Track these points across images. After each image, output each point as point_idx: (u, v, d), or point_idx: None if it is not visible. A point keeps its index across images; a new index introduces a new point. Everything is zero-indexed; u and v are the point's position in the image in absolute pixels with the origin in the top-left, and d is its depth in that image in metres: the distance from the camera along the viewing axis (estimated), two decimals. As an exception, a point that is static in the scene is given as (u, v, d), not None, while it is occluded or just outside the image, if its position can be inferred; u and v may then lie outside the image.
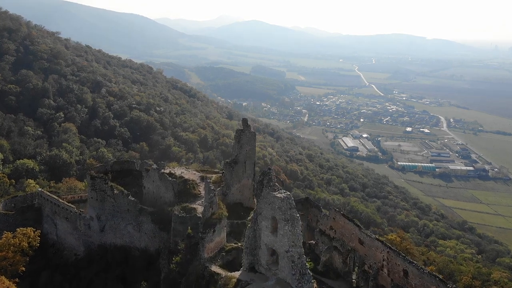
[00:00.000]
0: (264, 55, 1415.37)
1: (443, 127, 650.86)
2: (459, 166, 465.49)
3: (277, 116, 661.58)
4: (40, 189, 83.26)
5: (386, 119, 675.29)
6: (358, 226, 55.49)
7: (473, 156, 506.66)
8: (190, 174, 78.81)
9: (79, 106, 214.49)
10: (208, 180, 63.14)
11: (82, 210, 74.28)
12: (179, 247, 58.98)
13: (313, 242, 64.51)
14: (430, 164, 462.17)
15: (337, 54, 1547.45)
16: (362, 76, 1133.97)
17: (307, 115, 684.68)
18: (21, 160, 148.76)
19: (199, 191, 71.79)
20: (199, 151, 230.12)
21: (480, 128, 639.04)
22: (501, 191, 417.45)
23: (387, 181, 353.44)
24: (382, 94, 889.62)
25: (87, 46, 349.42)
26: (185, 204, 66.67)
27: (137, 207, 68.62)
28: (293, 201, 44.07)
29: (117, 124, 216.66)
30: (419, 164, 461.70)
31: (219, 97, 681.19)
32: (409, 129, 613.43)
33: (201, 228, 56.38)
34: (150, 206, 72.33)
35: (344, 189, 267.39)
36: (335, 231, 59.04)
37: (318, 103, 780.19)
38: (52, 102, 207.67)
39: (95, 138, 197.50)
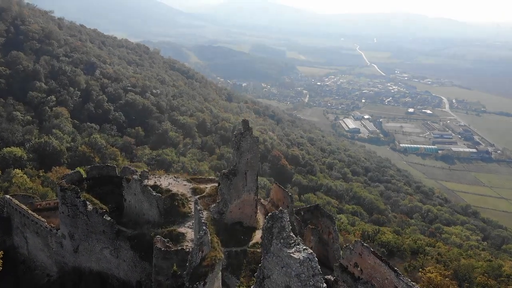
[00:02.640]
0: (263, 33, 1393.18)
1: (445, 108, 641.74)
2: (461, 148, 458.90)
3: (278, 97, 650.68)
4: (8, 196, 70.72)
5: (388, 99, 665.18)
6: (394, 271, 42.83)
7: (476, 137, 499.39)
8: (179, 186, 66.03)
9: (71, 89, 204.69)
10: (199, 207, 48.79)
11: (53, 226, 62.61)
12: None
13: (331, 277, 53.35)
14: (432, 146, 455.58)
15: (338, 33, 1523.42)
16: (363, 55, 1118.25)
17: (307, 95, 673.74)
18: (8, 148, 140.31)
19: (189, 208, 60.74)
20: (197, 135, 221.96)
21: (483, 109, 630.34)
22: (504, 173, 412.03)
23: (390, 164, 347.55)
24: (384, 74, 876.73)
25: (81, 26, 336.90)
26: (172, 227, 56.41)
27: (114, 229, 57.30)
28: (317, 264, 31.80)
29: (112, 108, 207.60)
30: (421, 146, 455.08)
31: (218, 77, 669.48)
32: (411, 110, 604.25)
33: (187, 280, 42.12)
34: (132, 222, 61.47)
35: (346, 173, 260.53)
36: (361, 270, 46.81)
37: (319, 83, 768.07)
38: (43, 85, 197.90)
39: (88, 123, 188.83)
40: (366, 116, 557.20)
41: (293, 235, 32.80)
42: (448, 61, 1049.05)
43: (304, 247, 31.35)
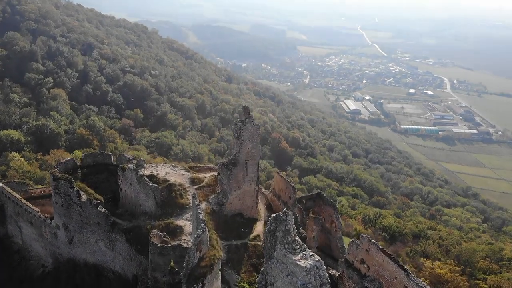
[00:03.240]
0: (263, 13, 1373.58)
1: (446, 88, 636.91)
2: (462, 129, 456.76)
3: (278, 78, 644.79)
4: (0, 184, 67.27)
5: (389, 80, 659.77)
6: (404, 270, 39.69)
7: (477, 118, 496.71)
8: (177, 175, 62.21)
9: (69, 70, 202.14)
10: (197, 203, 45.29)
11: (47, 216, 59.93)
12: (159, 286, 44.63)
13: (335, 272, 50.99)
14: (433, 127, 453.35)
15: (338, 12, 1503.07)
16: (364, 35, 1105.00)
17: (308, 76, 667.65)
18: (5, 130, 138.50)
19: (187, 199, 57.19)
20: (197, 118, 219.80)
21: (484, 90, 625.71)
22: (505, 154, 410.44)
23: (390, 145, 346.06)
24: (385, 54, 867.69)
25: (79, 5, 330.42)
26: (169, 219, 53.38)
27: (109, 221, 54.38)
28: (325, 272, 29.44)
29: (110, 90, 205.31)
30: (422, 127, 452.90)
31: (217, 58, 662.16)
32: (412, 90, 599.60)
33: (185, 282, 39.38)
34: (128, 213, 58.76)
35: (347, 155, 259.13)
36: (368, 267, 44.25)
37: (319, 64, 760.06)
38: (40, 66, 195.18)
39: (86, 105, 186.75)
40: (367, 97, 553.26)
41: (299, 240, 30.43)
42: (450, 42, 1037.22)
43: (311, 253, 29.11)
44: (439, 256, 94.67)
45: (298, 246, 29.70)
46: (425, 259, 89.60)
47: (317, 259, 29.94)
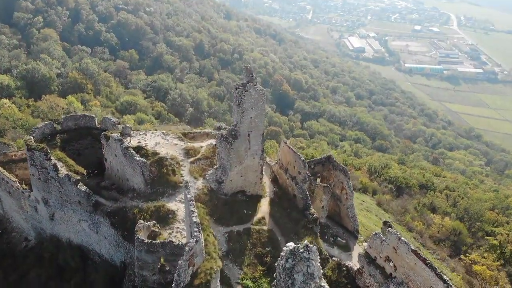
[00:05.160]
0: None
1: (453, 25, 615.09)
2: (467, 68, 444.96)
3: (279, 13, 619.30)
4: None
5: (395, 16, 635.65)
6: (444, 281, 33.78)
7: (483, 57, 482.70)
8: (168, 146, 53.92)
9: (59, 8, 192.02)
10: (190, 196, 37.52)
11: (25, 187, 52.56)
12: (148, 285, 38.48)
13: (354, 266, 44.58)
14: (438, 66, 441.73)
15: None
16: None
17: (311, 11, 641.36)
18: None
19: (181, 176, 49.74)
20: (195, 59, 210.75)
21: (492, 27, 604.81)
22: (510, 94, 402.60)
23: (394, 85, 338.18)
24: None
25: None
26: (160, 201, 46.02)
27: (91, 200, 47.02)
28: None
29: (103, 29, 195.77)
30: (427, 66, 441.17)
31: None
32: (417, 27, 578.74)
33: None
34: (115, 186, 51.28)
35: (350, 97, 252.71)
36: (394, 266, 38.50)
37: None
38: (29, 4, 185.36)
39: (79, 46, 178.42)
40: (371, 34, 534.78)
41: (326, 285, 23.44)
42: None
43: None
44: (448, 210, 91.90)
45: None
46: (433, 214, 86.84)
47: None
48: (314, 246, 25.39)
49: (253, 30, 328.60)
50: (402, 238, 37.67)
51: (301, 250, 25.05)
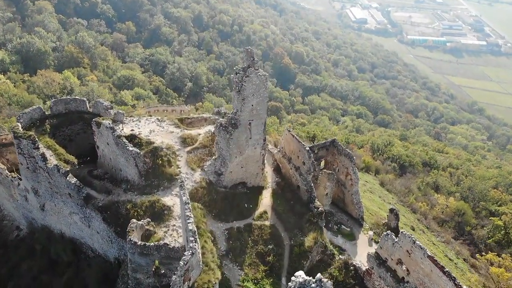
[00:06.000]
0: None
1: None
2: (471, 40, 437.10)
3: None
4: None
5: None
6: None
7: (487, 29, 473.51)
8: (164, 134, 50.58)
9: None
10: (186, 199, 34.65)
11: (14, 176, 49.78)
12: None
13: (362, 266, 42.63)
14: (441, 38, 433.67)
15: None
16: None
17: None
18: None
19: (178, 167, 46.78)
20: (193, 31, 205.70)
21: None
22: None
23: (396, 58, 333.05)
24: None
25: None
26: (155, 195, 43.36)
27: (81, 194, 43.93)
28: None
29: (99, 0, 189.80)
30: (430, 38, 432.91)
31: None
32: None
33: None
34: (108, 175, 48.56)
35: (352, 71, 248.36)
36: (407, 270, 36.36)
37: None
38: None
39: (74, 18, 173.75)
40: (374, 5, 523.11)
41: None
42: None
43: None
44: (452, 189, 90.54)
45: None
46: (437, 194, 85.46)
47: None
48: (329, 282, 22.47)
49: (253, 1, 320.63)
50: (417, 242, 35.45)
51: (313, 286, 22.09)
